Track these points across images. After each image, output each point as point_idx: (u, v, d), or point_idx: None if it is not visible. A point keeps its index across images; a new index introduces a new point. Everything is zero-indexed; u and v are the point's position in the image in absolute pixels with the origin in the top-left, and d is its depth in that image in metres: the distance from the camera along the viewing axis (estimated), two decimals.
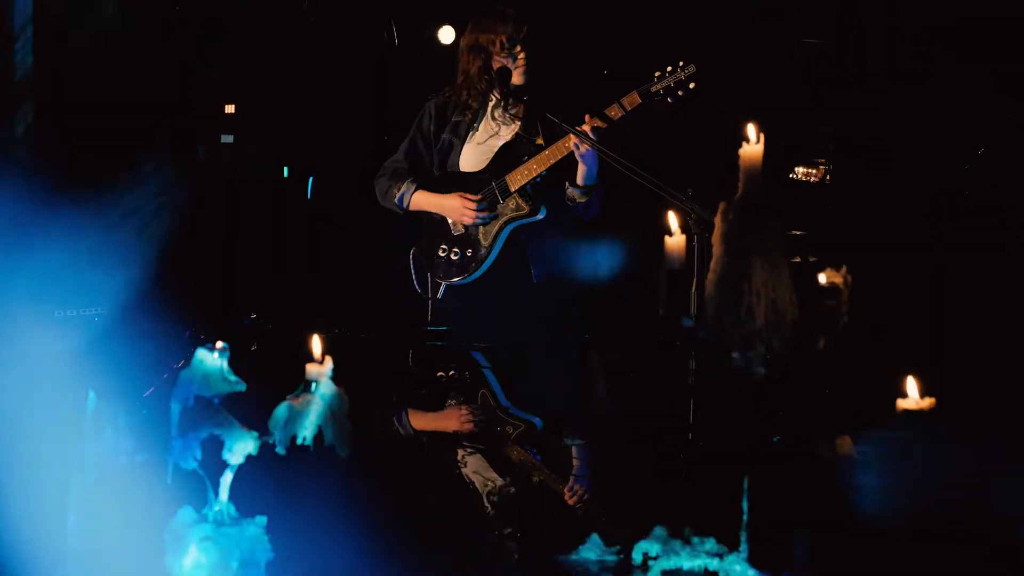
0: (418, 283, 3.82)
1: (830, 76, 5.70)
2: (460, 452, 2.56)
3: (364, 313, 4.18)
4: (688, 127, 4.73)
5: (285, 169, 5.76)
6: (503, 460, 2.50)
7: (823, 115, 5.65)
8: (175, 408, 1.72)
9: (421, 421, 2.91)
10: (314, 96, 5.65)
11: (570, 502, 2.27)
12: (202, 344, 1.75)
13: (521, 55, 3.67)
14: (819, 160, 5.74)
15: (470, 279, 3.73)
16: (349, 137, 5.29)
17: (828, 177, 5.73)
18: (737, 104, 4.22)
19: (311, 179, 5.66)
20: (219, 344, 1.73)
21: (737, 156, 1.82)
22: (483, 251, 3.72)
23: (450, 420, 2.87)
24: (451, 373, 3.27)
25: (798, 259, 1.88)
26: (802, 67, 5.67)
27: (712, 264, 1.80)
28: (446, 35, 5.42)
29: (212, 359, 1.75)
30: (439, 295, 3.77)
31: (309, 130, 5.74)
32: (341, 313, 4.02)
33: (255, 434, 1.80)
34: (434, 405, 2.99)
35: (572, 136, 3.48)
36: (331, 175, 5.47)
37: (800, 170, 5.79)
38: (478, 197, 3.68)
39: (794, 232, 5.64)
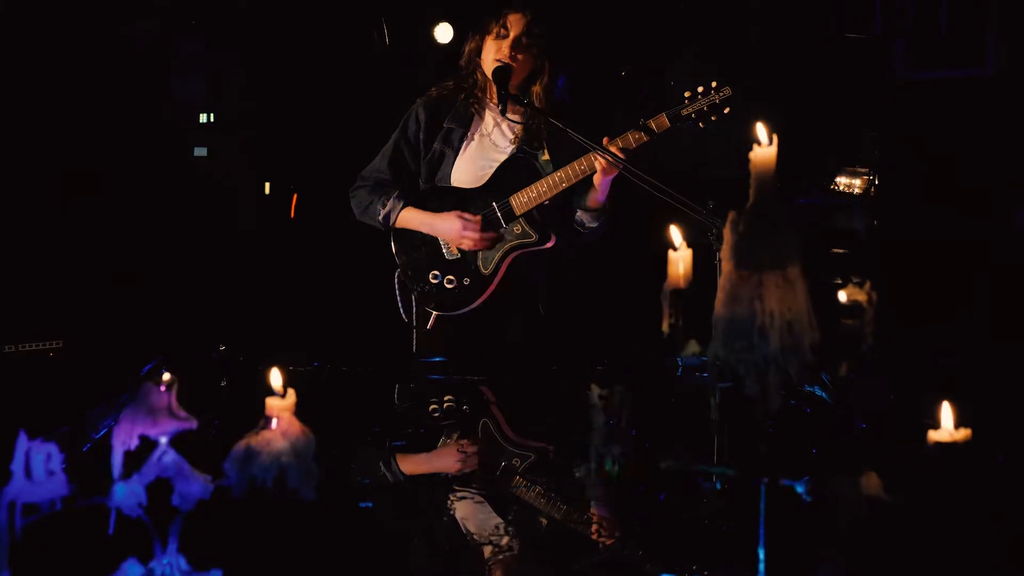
0: (403, 311, 3.77)
1: (873, 73, 5.71)
2: (455, 496, 2.53)
3: (348, 343, 4.17)
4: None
5: (267, 185, 5.79)
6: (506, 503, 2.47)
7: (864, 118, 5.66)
8: (117, 448, 1.70)
9: (410, 463, 2.88)
10: (298, 104, 5.69)
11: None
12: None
13: (515, 41, 3.59)
14: (862, 169, 5.74)
15: (466, 310, 3.68)
16: (337, 149, 5.31)
17: (872, 189, 5.72)
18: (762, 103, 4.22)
19: (295, 195, 5.68)
20: (166, 376, 1.72)
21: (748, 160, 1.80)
22: (482, 280, 3.64)
23: (444, 459, 2.83)
24: (447, 406, 3.24)
25: (839, 281, 1.86)
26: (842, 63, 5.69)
27: (720, 282, 1.78)
28: (443, 33, 5.41)
29: (159, 393, 1.73)
30: (428, 326, 3.72)
31: (293, 141, 5.77)
32: (323, 343, 4.02)
33: (209, 477, 1.78)
34: (426, 443, 2.96)
35: (594, 156, 3.43)
36: (318, 191, 5.50)
37: (841, 180, 5.79)
38: (479, 219, 3.62)
39: (835, 250, 5.66)
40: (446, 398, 3.25)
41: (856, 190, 5.65)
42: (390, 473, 2.68)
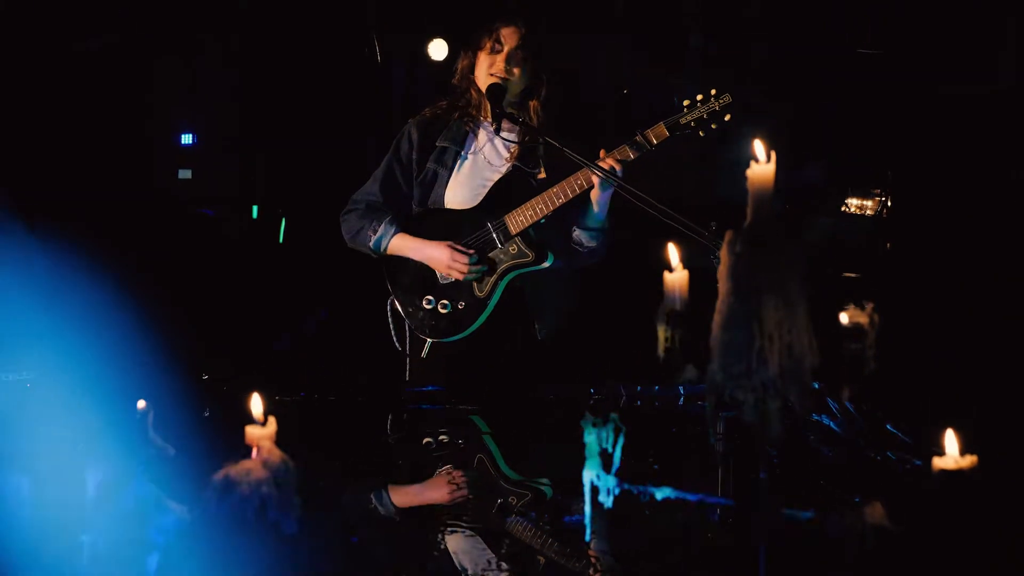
0: (396, 339, 3.78)
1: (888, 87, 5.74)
2: (447, 530, 2.53)
3: (339, 372, 4.19)
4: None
5: (255, 209, 5.81)
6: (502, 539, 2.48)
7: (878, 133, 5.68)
8: (90, 478, 1.72)
9: (402, 496, 2.88)
10: (287, 124, 5.72)
11: None
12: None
13: (510, 55, 3.64)
14: (875, 190, 5.75)
15: (463, 335, 3.68)
16: (329, 171, 5.34)
17: (885, 210, 5.74)
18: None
19: (283, 220, 5.71)
20: (141, 404, 1.74)
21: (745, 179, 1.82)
22: (478, 303, 3.65)
23: (437, 492, 2.84)
24: (441, 440, 3.25)
25: (851, 307, 1.87)
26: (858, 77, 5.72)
27: (718, 304, 1.80)
28: (437, 50, 5.44)
29: (135, 422, 1.75)
30: (423, 354, 3.73)
31: (282, 163, 5.80)
32: (312, 372, 4.03)
33: (185, 508, 1.80)
34: (418, 476, 2.97)
35: (587, 172, 3.46)
36: (308, 214, 5.52)
37: (853, 202, 5.81)
38: (471, 252, 3.64)
39: (847, 274, 5.67)
40: (440, 430, 3.26)
41: (868, 211, 5.67)
42: (380, 507, 2.69)
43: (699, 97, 3.51)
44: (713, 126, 3.51)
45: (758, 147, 1.80)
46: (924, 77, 5.66)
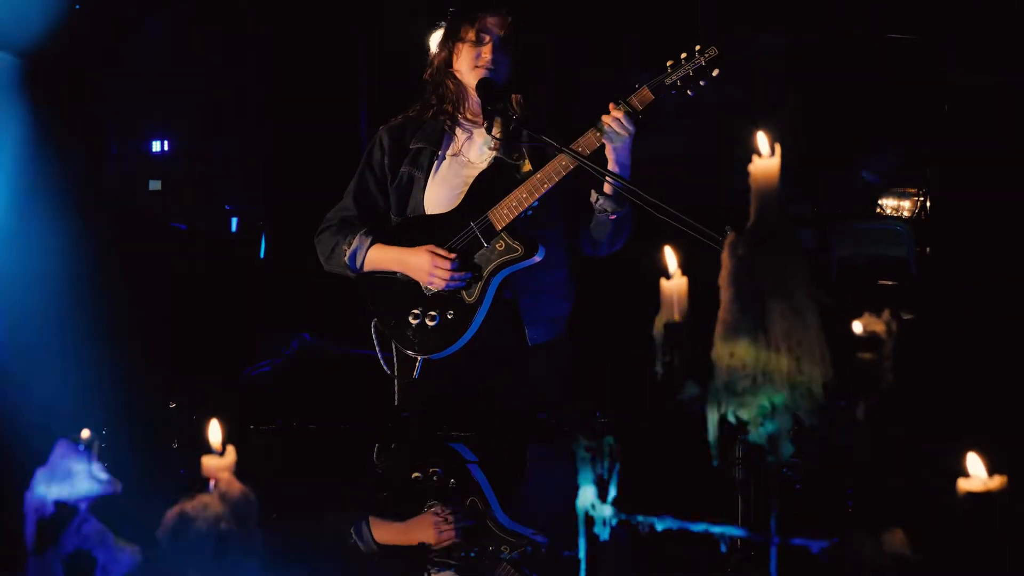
0: (384, 361, 3.76)
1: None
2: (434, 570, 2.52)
3: (320, 396, 4.18)
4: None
5: (233, 221, 5.82)
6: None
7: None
8: (30, 517, 1.71)
9: (386, 533, 2.87)
10: (268, 129, 5.73)
11: None
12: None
13: (496, 45, 3.64)
14: (911, 190, 5.74)
15: (455, 347, 3.66)
16: (314, 180, 5.34)
17: (924, 213, 5.72)
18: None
19: (263, 235, 5.71)
20: (84, 434, 1.72)
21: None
22: (469, 309, 3.63)
23: (424, 532, 2.82)
24: (431, 473, 3.23)
25: (887, 316, 1.85)
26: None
27: (720, 313, 1.78)
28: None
29: (77, 455, 1.74)
30: (415, 374, 3.72)
31: (262, 172, 5.81)
32: (291, 397, 4.03)
33: (137, 548, 1.78)
34: (404, 513, 2.96)
35: (593, 131, 3.47)
36: (291, 227, 5.52)
37: (888, 203, 5.80)
38: (453, 256, 3.62)
39: (882, 282, 5.65)
40: (429, 459, 3.25)
41: (904, 213, 5.65)
42: (361, 542, 2.68)
43: (683, 55, 3.49)
44: (701, 83, 3.48)
45: (761, 139, 1.79)
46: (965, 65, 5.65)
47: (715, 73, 3.46)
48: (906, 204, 5.66)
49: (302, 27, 5.74)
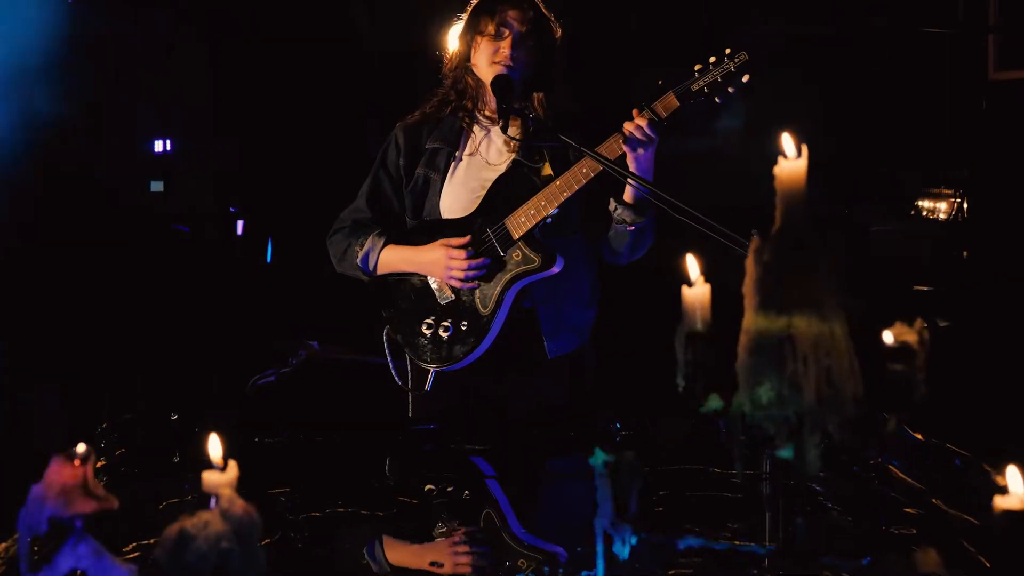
0: (396, 372, 3.75)
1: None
2: None
3: (330, 408, 4.18)
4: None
5: (239, 224, 5.82)
6: None
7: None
8: (23, 536, 1.70)
9: (399, 554, 2.86)
10: (274, 128, 5.74)
11: None
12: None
13: (516, 41, 3.62)
14: (947, 191, 5.70)
15: (469, 360, 3.65)
16: (323, 181, 5.34)
17: (961, 215, 5.68)
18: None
19: (270, 239, 5.72)
20: (80, 448, 1.72)
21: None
22: (484, 320, 3.61)
23: (439, 552, 2.81)
24: (445, 487, 3.22)
25: (922, 323, 1.84)
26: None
27: (744, 323, 1.77)
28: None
29: (72, 469, 1.73)
30: (427, 387, 3.71)
31: (268, 172, 5.81)
32: (299, 407, 4.02)
33: (134, 568, 1.78)
34: (418, 531, 2.95)
35: (616, 137, 3.44)
36: (299, 229, 5.52)
37: (924, 204, 5.76)
38: (466, 239, 3.62)
39: (918, 287, 5.61)
40: (443, 474, 3.24)
41: (940, 215, 5.61)
42: (373, 562, 2.67)
43: (712, 59, 3.45)
44: (730, 90, 3.44)
45: (787, 141, 1.77)
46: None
47: (745, 79, 3.43)
48: (942, 206, 5.61)
49: (306, 25, 5.75)
